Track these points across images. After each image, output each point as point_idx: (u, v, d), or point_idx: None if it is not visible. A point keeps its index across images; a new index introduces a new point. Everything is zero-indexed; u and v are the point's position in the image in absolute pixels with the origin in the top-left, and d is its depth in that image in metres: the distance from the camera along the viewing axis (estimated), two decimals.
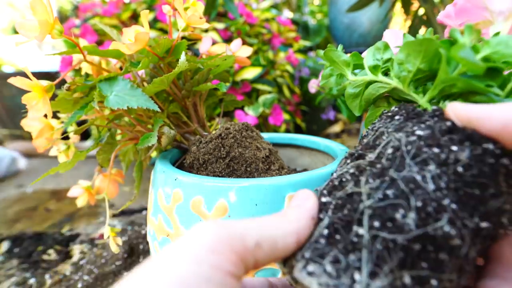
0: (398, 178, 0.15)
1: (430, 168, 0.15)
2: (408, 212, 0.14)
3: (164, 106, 0.36)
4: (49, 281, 0.51)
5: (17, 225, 0.70)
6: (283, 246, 0.15)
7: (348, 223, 0.15)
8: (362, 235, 0.14)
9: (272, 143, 0.38)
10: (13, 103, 1.30)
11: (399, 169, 0.15)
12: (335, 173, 0.19)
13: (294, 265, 0.15)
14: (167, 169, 0.31)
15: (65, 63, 0.84)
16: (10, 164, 1.06)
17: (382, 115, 0.21)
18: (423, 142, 0.16)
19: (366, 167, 0.17)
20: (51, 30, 0.27)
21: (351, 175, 0.17)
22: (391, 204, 0.14)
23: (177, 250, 0.13)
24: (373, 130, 0.20)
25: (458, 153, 0.15)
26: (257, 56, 0.88)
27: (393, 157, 0.16)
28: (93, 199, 0.36)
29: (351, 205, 0.15)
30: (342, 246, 0.14)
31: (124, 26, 0.87)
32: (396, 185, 0.15)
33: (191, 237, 0.14)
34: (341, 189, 0.17)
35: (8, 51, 1.57)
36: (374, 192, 0.15)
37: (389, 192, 0.15)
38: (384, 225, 0.14)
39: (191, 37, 0.38)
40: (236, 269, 0.13)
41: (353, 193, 0.16)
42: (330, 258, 0.14)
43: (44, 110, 0.28)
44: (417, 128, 0.17)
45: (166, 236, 0.30)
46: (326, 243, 0.15)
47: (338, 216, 0.15)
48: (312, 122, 1.17)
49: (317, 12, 1.88)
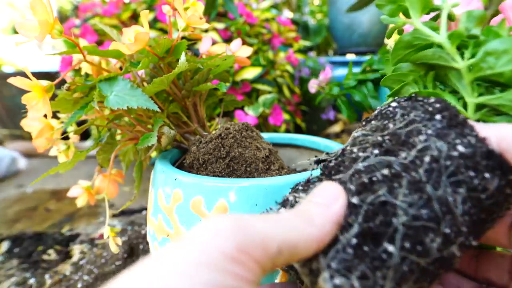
0: (434, 197, 0.15)
1: (461, 191, 0.15)
2: (436, 237, 0.14)
3: (164, 106, 0.36)
4: (49, 281, 0.51)
5: (17, 225, 0.70)
6: (303, 252, 0.14)
7: (378, 236, 0.14)
8: (392, 253, 0.14)
9: (272, 143, 0.38)
10: (13, 103, 1.30)
11: (435, 186, 0.15)
12: (355, 147, 0.18)
13: (319, 273, 0.14)
14: (167, 169, 0.31)
15: (65, 63, 0.84)
16: (10, 164, 1.06)
17: (415, 100, 0.19)
18: (463, 162, 0.15)
19: (402, 173, 0.15)
20: (51, 30, 0.27)
21: (383, 177, 0.16)
22: (423, 226, 0.14)
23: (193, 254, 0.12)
24: (403, 116, 0.18)
25: (489, 181, 0.15)
26: (257, 56, 0.88)
27: (431, 169, 0.15)
28: (93, 199, 0.36)
29: (384, 217, 0.15)
30: (369, 261, 0.14)
31: (124, 26, 0.87)
32: (430, 206, 0.15)
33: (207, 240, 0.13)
34: (372, 192, 0.15)
35: (8, 51, 1.57)
36: (409, 208, 0.15)
37: (423, 212, 0.14)
38: (414, 248, 0.14)
39: (191, 37, 0.38)
40: (256, 277, 0.13)
41: (387, 203, 0.15)
42: (358, 273, 0.14)
43: (44, 110, 0.28)
44: (459, 143, 0.16)
45: (166, 236, 0.30)
46: (353, 254, 0.14)
47: (369, 225, 0.15)
48: (312, 122, 1.17)
49: (317, 12, 1.88)
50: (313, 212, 0.15)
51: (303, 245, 0.14)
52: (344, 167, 0.18)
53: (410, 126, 0.17)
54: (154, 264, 0.12)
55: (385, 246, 0.14)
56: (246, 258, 0.12)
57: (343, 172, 0.17)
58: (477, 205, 0.15)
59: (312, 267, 0.15)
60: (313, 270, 0.15)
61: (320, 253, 0.15)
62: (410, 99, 0.19)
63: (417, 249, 0.14)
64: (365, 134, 0.19)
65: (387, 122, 0.18)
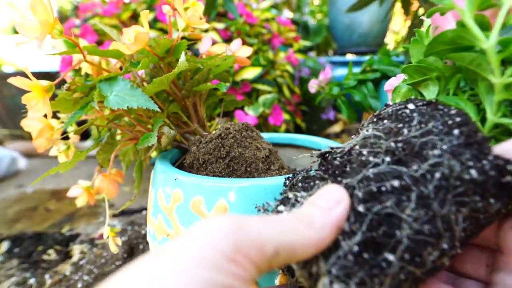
0: (438, 214, 0.15)
1: (464, 211, 0.15)
2: (434, 251, 0.15)
3: (164, 106, 0.36)
4: (49, 281, 0.51)
5: (17, 225, 0.70)
6: (301, 254, 0.14)
7: (380, 245, 0.15)
8: (391, 262, 0.14)
9: (272, 143, 0.38)
10: (13, 103, 1.30)
11: (441, 204, 0.15)
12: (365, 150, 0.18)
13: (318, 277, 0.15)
14: (167, 169, 0.31)
15: (65, 63, 0.84)
16: (10, 164, 1.06)
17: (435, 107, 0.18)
18: (473, 186, 0.15)
19: (411, 186, 0.15)
20: (51, 30, 0.27)
21: (392, 188, 0.15)
22: (424, 241, 0.15)
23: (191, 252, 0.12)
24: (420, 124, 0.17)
25: (492, 206, 0.16)
26: (257, 56, 0.88)
27: (440, 186, 0.15)
28: (93, 199, 0.36)
29: (388, 229, 0.15)
30: (369, 268, 0.14)
31: (124, 26, 0.87)
32: (434, 223, 0.15)
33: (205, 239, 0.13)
34: (379, 202, 0.15)
35: (8, 51, 1.57)
36: (413, 222, 0.15)
37: (426, 227, 0.15)
38: (413, 259, 0.14)
39: (191, 37, 0.38)
40: (251, 277, 0.13)
41: (393, 215, 0.15)
42: (356, 280, 0.14)
43: (44, 110, 0.28)
44: (473, 165, 0.15)
45: (166, 236, 0.30)
46: (354, 261, 0.14)
47: (372, 235, 0.15)
48: (312, 122, 1.17)
49: (317, 12, 1.88)
50: (314, 215, 0.15)
51: (301, 247, 0.14)
52: (351, 169, 0.18)
53: (426, 137, 0.17)
54: (153, 262, 0.12)
55: (385, 255, 0.14)
56: (242, 258, 0.13)
57: (349, 175, 0.17)
58: (474, 223, 0.16)
59: (311, 271, 0.15)
60: (312, 274, 0.15)
61: (321, 256, 0.15)
62: (429, 104, 0.19)
63: (415, 261, 0.15)
64: (377, 136, 0.18)
65: (401, 126, 0.18)
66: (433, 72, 0.22)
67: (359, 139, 0.19)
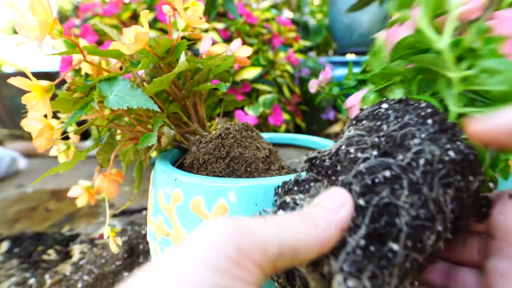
0: (429, 198, 0.16)
1: (450, 192, 0.16)
2: (431, 235, 0.16)
3: (164, 106, 0.36)
4: (49, 281, 0.51)
5: (17, 225, 0.70)
6: (305, 254, 0.14)
7: (383, 236, 0.15)
8: (396, 252, 0.15)
9: (272, 143, 0.38)
10: (13, 103, 1.30)
11: (430, 187, 0.16)
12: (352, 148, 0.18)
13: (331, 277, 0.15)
14: (167, 169, 0.31)
15: (65, 63, 0.84)
16: (10, 164, 1.06)
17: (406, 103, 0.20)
18: (453, 166, 0.17)
19: (401, 175, 0.16)
20: (51, 30, 0.27)
21: (385, 179, 0.16)
22: (422, 225, 0.15)
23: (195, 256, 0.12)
24: (397, 119, 0.19)
25: (471, 183, 0.17)
26: (257, 56, 0.88)
27: (426, 171, 0.16)
28: (93, 199, 0.36)
29: (388, 218, 0.15)
30: (377, 260, 0.15)
31: (124, 26, 0.87)
32: (427, 206, 0.16)
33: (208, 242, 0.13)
34: (376, 193, 0.16)
35: (8, 51, 1.57)
36: (410, 208, 0.15)
37: (421, 212, 0.15)
38: (415, 246, 0.15)
39: (191, 37, 0.38)
40: (256, 280, 0.13)
41: (390, 204, 0.16)
42: (368, 274, 0.14)
43: (44, 110, 0.28)
44: (450, 148, 0.17)
45: (166, 236, 0.30)
46: (363, 255, 0.15)
47: (375, 226, 0.15)
48: (312, 122, 1.17)
49: (317, 12, 1.88)
50: (318, 215, 0.15)
51: (305, 246, 0.14)
52: (342, 167, 0.18)
53: (405, 129, 0.18)
54: (157, 267, 0.12)
55: (390, 245, 0.15)
56: (246, 260, 0.13)
57: (343, 173, 0.18)
58: (459, 203, 0.17)
59: (323, 271, 0.15)
60: (324, 275, 0.15)
61: (330, 255, 0.15)
62: (401, 101, 0.20)
63: (417, 247, 0.15)
64: (360, 134, 0.19)
65: (380, 123, 0.19)
66: (397, 76, 0.24)
67: (343, 140, 0.20)
